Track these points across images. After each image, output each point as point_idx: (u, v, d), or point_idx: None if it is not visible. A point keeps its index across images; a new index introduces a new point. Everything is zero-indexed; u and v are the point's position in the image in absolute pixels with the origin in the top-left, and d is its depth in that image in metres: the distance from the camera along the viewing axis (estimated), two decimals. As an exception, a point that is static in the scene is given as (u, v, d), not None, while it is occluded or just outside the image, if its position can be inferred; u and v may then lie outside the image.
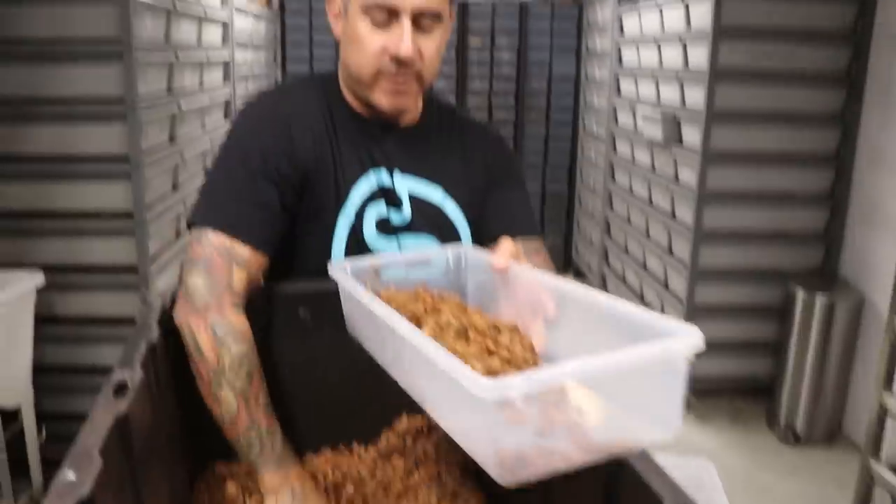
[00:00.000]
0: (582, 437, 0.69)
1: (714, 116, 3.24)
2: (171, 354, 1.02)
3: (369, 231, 1.25)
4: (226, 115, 3.73)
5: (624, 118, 4.47)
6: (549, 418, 0.67)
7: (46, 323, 2.55)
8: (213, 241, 1.13)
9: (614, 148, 4.68)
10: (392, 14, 1.17)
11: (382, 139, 1.31)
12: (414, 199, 1.30)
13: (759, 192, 3.35)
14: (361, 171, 1.27)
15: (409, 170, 1.31)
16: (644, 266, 4.11)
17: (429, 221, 1.29)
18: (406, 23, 1.17)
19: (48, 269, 2.48)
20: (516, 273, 0.95)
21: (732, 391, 3.67)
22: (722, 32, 3.15)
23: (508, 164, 1.44)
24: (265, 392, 1.10)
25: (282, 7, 5.41)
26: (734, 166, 3.31)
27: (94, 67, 2.44)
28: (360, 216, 1.25)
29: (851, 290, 3.26)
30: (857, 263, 3.31)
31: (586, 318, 0.82)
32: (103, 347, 2.62)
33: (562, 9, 5.41)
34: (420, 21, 1.18)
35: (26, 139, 2.48)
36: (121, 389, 0.78)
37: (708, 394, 3.63)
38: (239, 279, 1.12)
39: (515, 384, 0.61)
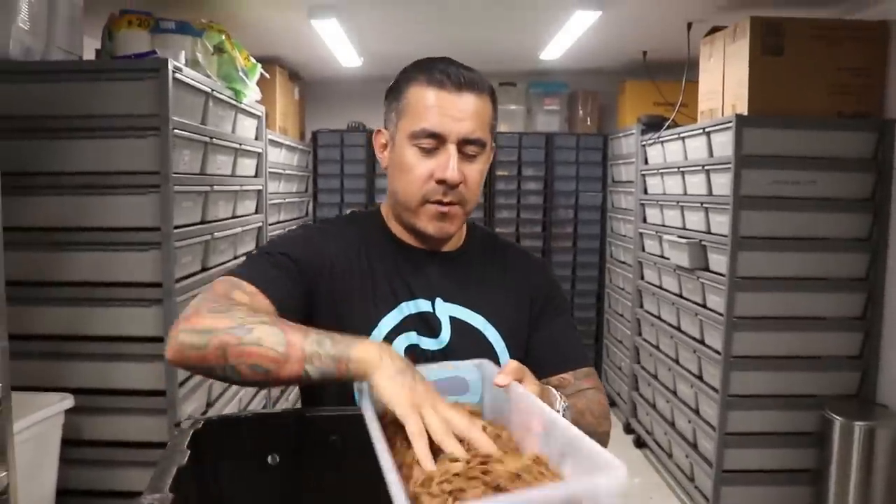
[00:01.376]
0: None
1: (740, 242, 3.26)
2: (200, 477, 1.01)
3: None
4: (257, 243, 3.80)
5: (650, 245, 4.50)
6: None
7: (73, 445, 2.55)
8: (227, 279, 1.20)
9: (641, 275, 4.69)
10: (439, 141, 1.25)
11: (425, 266, 1.36)
12: (455, 323, 1.32)
13: (789, 317, 3.33)
14: (394, 302, 1.32)
15: (450, 298, 1.35)
16: (675, 393, 4.04)
17: (468, 346, 1.32)
18: (452, 149, 1.25)
19: (78, 391, 2.50)
20: (515, 392, 0.99)
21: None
22: (743, 160, 3.21)
23: (552, 291, 1.48)
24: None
25: (314, 139, 5.60)
26: (763, 291, 3.30)
27: (133, 198, 2.53)
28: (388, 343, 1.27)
29: (892, 416, 3.18)
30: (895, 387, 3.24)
31: (555, 443, 0.87)
32: (128, 471, 2.60)
33: (586, 139, 5.55)
34: (464, 148, 1.27)
35: (64, 266, 2.55)
36: (152, 512, 0.78)
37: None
38: (239, 296, 1.15)
39: None
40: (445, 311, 1.33)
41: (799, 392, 3.38)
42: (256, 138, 3.80)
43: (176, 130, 2.57)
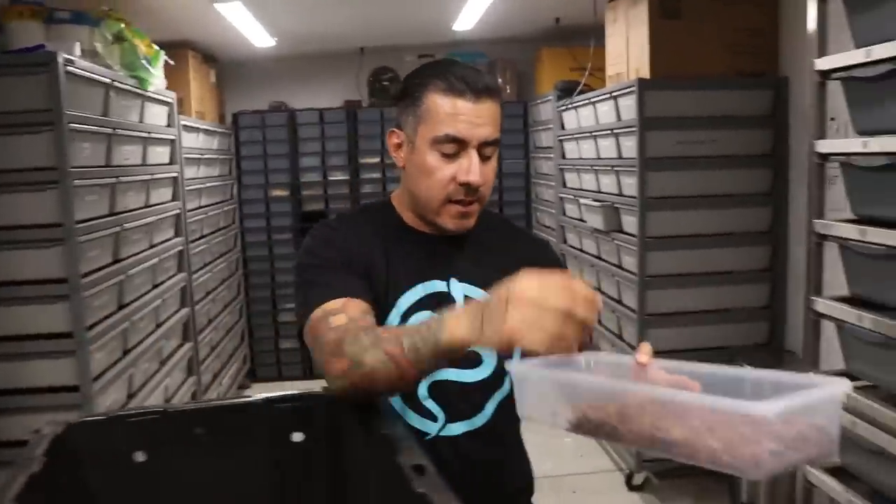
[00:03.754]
0: (819, 447, 0.85)
1: (648, 203, 3.34)
2: (57, 482, 1.01)
3: None
4: (176, 230, 3.78)
5: (570, 209, 4.58)
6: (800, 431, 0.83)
7: (-13, 448, 2.52)
8: (316, 315, 1.25)
9: (564, 239, 4.77)
10: (461, 146, 1.34)
11: (439, 249, 1.47)
12: (468, 301, 1.41)
13: (699, 273, 3.43)
14: (410, 284, 1.41)
15: (464, 277, 1.46)
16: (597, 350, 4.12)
17: None
18: (473, 153, 1.35)
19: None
20: (659, 366, 1.07)
21: (696, 471, 3.63)
22: (647, 123, 3.28)
23: (555, 267, 1.58)
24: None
25: (235, 121, 5.55)
26: (673, 249, 3.39)
27: (31, 195, 2.49)
28: (404, 321, 1.38)
29: (798, 361, 3.29)
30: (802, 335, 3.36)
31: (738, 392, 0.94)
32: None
33: (507, 107, 5.53)
34: (482, 150, 1.36)
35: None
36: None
37: (671, 474, 3.62)
38: (337, 319, 1.22)
39: (779, 405, 0.77)
40: (460, 289, 1.44)
41: (713, 344, 3.48)
42: (168, 125, 3.77)
43: (72, 124, 2.53)
